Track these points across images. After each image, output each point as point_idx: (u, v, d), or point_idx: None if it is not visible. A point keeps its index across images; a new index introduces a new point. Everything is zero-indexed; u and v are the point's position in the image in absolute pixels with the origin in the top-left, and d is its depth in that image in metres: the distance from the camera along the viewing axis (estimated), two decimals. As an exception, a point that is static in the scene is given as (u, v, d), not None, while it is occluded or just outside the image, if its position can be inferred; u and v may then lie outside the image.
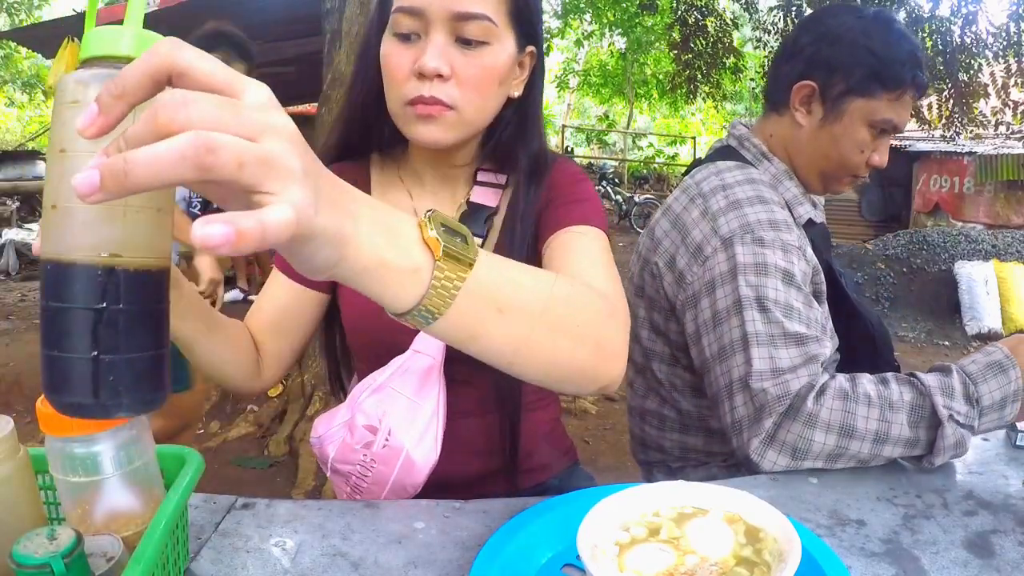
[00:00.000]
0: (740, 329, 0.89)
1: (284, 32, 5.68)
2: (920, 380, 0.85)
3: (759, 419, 0.85)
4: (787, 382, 0.84)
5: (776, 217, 0.96)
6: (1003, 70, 6.18)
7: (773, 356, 0.86)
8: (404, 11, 0.73)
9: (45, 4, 13.40)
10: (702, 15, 6.89)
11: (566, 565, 0.61)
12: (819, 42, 1.03)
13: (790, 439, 0.82)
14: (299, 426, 3.00)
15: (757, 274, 0.90)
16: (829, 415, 0.82)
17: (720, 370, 0.91)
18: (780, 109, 1.09)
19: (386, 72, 0.76)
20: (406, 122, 0.76)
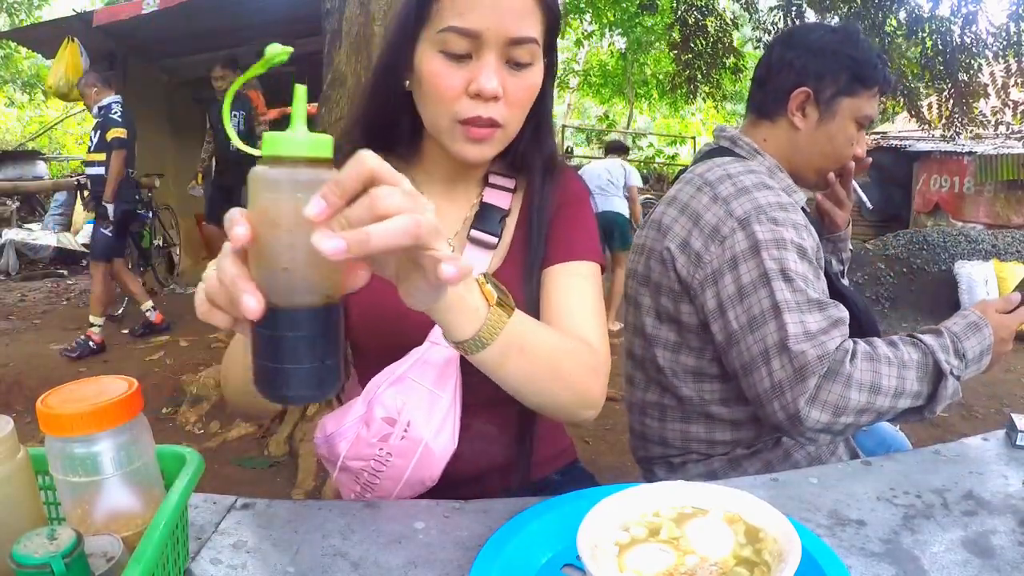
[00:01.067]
0: (770, 299, 0.95)
1: (284, 32, 5.67)
2: (922, 341, 0.99)
3: (802, 379, 0.92)
4: (823, 343, 0.93)
5: (782, 200, 1.04)
6: (1003, 70, 6.18)
7: (804, 321, 0.94)
8: (458, 32, 0.73)
9: (45, 4, 13.39)
10: (702, 15, 6.89)
11: (566, 565, 0.61)
12: (805, 55, 1.15)
13: (831, 398, 0.92)
14: (299, 426, 3.00)
15: (778, 248, 0.98)
16: (861, 375, 0.92)
17: (752, 339, 0.97)
18: (773, 117, 1.19)
19: (434, 89, 0.76)
20: (454, 139, 0.78)
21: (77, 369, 3.67)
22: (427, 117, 0.80)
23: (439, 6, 0.74)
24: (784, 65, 1.17)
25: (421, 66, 0.77)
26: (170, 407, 3.28)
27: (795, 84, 1.15)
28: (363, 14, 3.12)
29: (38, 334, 4.44)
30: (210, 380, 3.30)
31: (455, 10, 0.73)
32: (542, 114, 0.86)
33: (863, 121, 1.16)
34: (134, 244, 5.20)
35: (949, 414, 3.71)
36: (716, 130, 1.26)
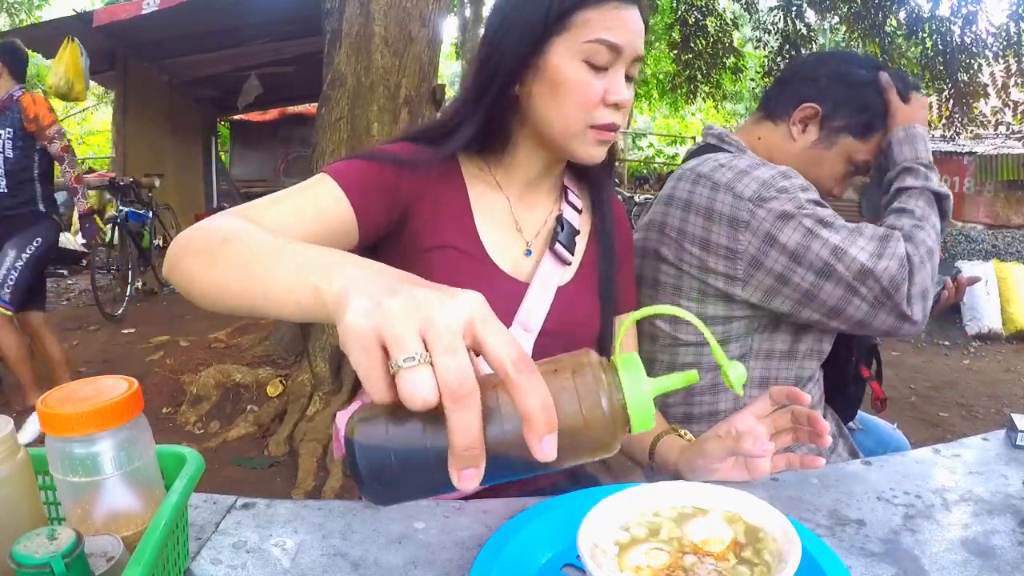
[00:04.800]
0: (826, 247, 0.99)
1: (284, 32, 5.68)
2: (911, 187, 1.10)
3: (896, 288, 0.98)
4: (895, 253, 0.99)
5: (782, 169, 1.05)
6: (1003, 70, 6.18)
7: (864, 247, 0.99)
8: (607, 45, 0.80)
9: (45, 4, 13.39)
10: (702, 15, 6.90)
11: (566, 565, 0.61)
12: (834, 79, 1.16)
13: (917, 289, 0.99)
14: (299, 426, 3.00)
15: (802, 209, 1.01)
16: (920, 256, 1.00)
17: (830, 285, 1.00)
18: (776, 119, 1.19)
19: (577, 96, 0.81)
20: (584, 142, 0.84)
21: (77, 369, 3.67)
22: (558, 120, 0.83)
23: (584, 18, 0.80)
24: (811, 77, 1.17)
25: (560, 72, 0.81)
26: (170, 407, 3.28)
27: (811, 98, 1.15)
28: (363, 14, 3.12)
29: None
30: (210, 380, 3.30)
31: (604, 25, 0.80)
32: None
33: (858, 165, 1.18)
34: (134, 244, 5.21)
35: (949, 414, 3.72)
36: (704, 128, 1.27)
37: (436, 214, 0.86)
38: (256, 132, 10.36)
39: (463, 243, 0.86)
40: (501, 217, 0.90)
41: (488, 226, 0.89)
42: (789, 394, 0.77)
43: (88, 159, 12.34)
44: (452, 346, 0.37)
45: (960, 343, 5.16)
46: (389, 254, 0.87)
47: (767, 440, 0.75)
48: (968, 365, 4.73)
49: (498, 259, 0.88)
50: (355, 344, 0.38)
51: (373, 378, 0.38)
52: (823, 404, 1.24)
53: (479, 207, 0.89)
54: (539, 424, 0.37)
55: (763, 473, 0.77)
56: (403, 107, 3.21)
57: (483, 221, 0.88)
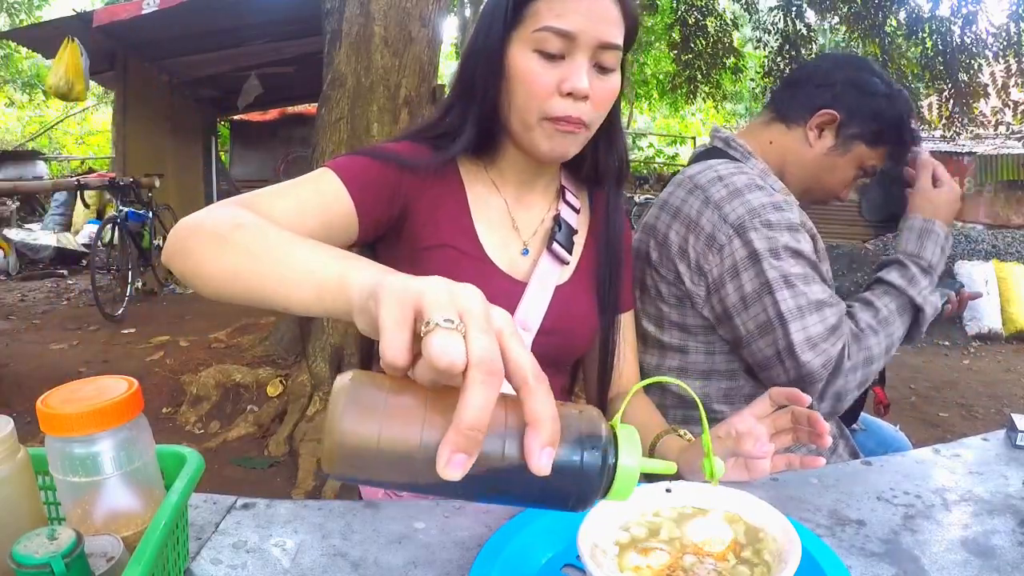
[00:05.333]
0: (774, 308, 0.99)
1: (284, 32, 5.67)
2: (891, 284, 1.07)
3: (810, 383, 0.99)
4: (826, 351, 0.98)
5: (776, 199, 1.04)
6: (1003, 70, 6.18)
7: (807, 327, 0.99)
8: (555, 32, 0.77)
9: (45, 4, 13.39)
10: (702, 15, 6.89)
11: (566, 565, 0.61)
12: (851, 86, 1.15)
13: (835, 390, 1.00)
14: (299, 426, 3.00)
15: (775, 257, 1.00)
16: (855, 360, 1.00)
17: (761, 344, 1.02)
18: (790, 123, 1.18)
19: (526, 86, 0.79)
20: (542, 135, 0.81)
21: (77, 369, 3.67)
22: (515, 114, 0.82)
23: (535, 8, 0.78)
24: (827, 82, 1.16)
25: (514, 64, 0.80)
26: (170, 407, 3.28)
27: (828, 104, 1.14)
28: (363, 14, 3.12)
29: (38, 334, 4.44)
30: (210, 380, 3.30)
31: (552, 12, 0.77)
32: (613, 123, 0.91)
33: (867, 170, 1.18)
34: (134, 244, 5.21)
35: (949, 414, 3.72)
36: (712, 131, 1.25)
37: (435, 214, 0.86)
38: (256, 132, 10.35)
39: (461, 242, 0.87)
40: (499, 217, 0.90)
41: (486, 226, 0.89)
42: (789, 395, 0.77)
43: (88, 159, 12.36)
44: (487, 328, 0.38)
45: (960, 343, 5.16)
46: (388, 253, 0.87)
47: (767, 441, 0.75)
48: (968, 365, 4.73)
49: (496, 258, 0.88)
50: (390, 298, 0.38)
51: (396, 336, 0.37)
52: None
53: (477, 207, 0.89)
54: (545, 431, 0.37)
55: (763, 473, 0.77)
56: (403, 107, 3.21)
57: (481, 221, 0.89)
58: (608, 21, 0.78)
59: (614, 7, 0.79)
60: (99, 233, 4.91)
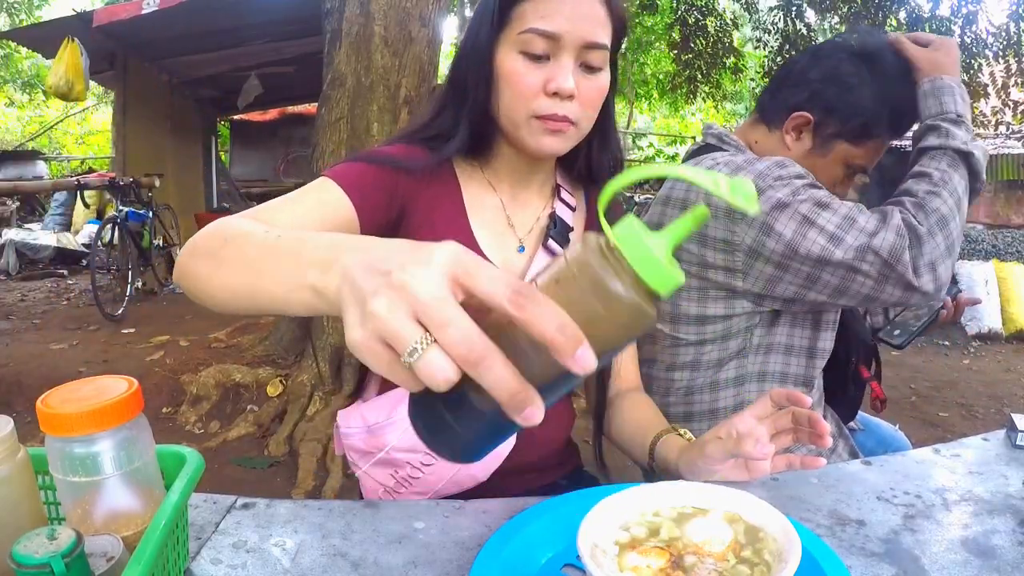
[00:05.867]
0: (822, 235, 0.97)
1: (284, 32, 5.67)
2: (931, 147, 1.03)
3: (897, 259, 0.95)
4: (891, 224, 0.95)
5: (778, 159, 1.04)
6: (1003, 70, 6.19)
7: (863, 227, 0.96)
8: (539, 33, 0.78)
9: (45, 4, 13.39)
10: (702, 15, 6.90)
11: (566, 565, 0.61)
12: (826, 82, 1.11)
13: (926, 259, 0.95)
14: (299, 426, 3.00)
15: (797, 194, 0.99)
16: (928, 222, 0.96)
17: (830, 269, 0.98)
18: (771, 126, 1.17)
19: (513, 87, 0.81)
20: (531, 133, 0.82)
21: (77, 369, 3.67)
22: (504, 114, 0.84)
23: (521, 10, 0.80)
24: (803, 81, 1.13)
25: (501, 66, 0.82)
26: (170, 407, 3.28)
27: (803, 105, 1.12)
28: (363, 14, 3.12)
29: (38, 334, 4.44)
30: (210, 380, 3.30)
31: (537, 13, 0.79)
32: (607, 120, 0.92)
33: (855, 170, 1.15)
34: (134, 244, 5.21)
35: (949, 414, 3.71)
36: (704, 128, 1.25)
37: (431, 214, 0.87)
38: (256, 132, 10.36)
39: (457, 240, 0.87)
40: (494, 216, 0.91)
41: (481, 225, 0.90)
42: (789, 396, 0.77)
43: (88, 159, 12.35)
44: (445, 317, 0.37)
45: (960, 343, 5.16)
46: None
47: (767, 442, 0.75)
48: (968, 365, 4.73)
49: (492, 256, 0.89)
50: (366, 355, 0.39)
51: (398, 376, 0.39)
52: (823, 404, 1.24)
53: (473, 206, 0.90)
54: (564, 346, 0.36)
55: (763, 473, 0.77)
56: (403, 107, 3.21)
57: (477, 220, 0.90)
58: (593, 21, 0.79)
59: (600, 7, 0.80)
60: (99, 233, 4.91)
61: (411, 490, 0.84)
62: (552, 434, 0.96)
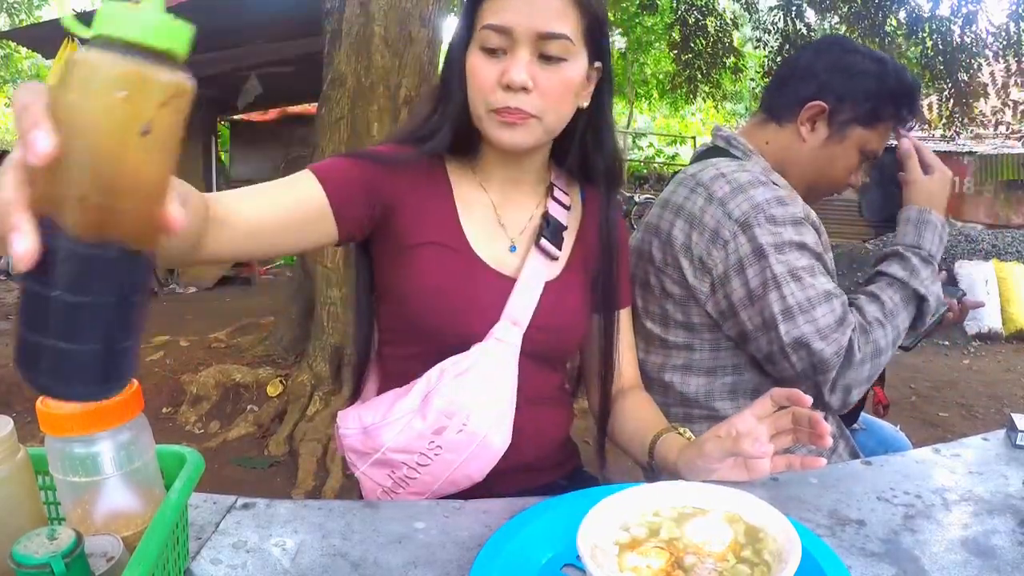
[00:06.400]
0: (781, 303, 1.00)
1: (284, 32, 5.67)
2: (894, 276, 1.06)
3: (822, 371, 1.00)
4: (837, 340, 0.99)
5: (779, 194, 1.04)
6: (1003, 70, 6.19)
7: (816, 319, 0.99)
8: (493, 28, 0.80)
9: (45, 4, 13.39)
10: (702, 15, 6.89)
11: (566, 565, 0.61)
12: (834, 71, 1.13)
13: (846, 382, 1.01)
14: (299, 426, 3.00)
15: (780, 251, 1.00)
16: (864, 352, 1.00)
17: (769, 338, 1.02)
18: (782, 121, 1.17)
19: (473, 82, 0.83)
20: (490, 127, 0.83)
21: (77, 369, 3.67)
22: (471, 110, 0.85)
23: (482, 9, 0.82)
24: (810, 74, 1.14)
25: (468, 64, 0.84)
26: (170, 407, 3.28)
27: (814, 96, 1.12)
28: (363, 14, 3.12)
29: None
30: (210, 380, 3.30)
31: (492, 10, 0.81)
32: (600, 119, 0.91)
33: (868, 154, 1.15)
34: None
35: (949, 414, 3.72)
36: (713, 130, 1.25)
37: (422, 212, 0.88)
38: (256, 132, 10.35)
39: (448, 239, 0.88)
40: (485, 215, 0.92)
41: (472, 223, 0.90)
42: (790, 396, 0.77)
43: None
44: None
45: (960, 343, 5.16)
46: (378, 250, 0.91)
47: (767, 441, 0.75)
48: (968, 365, 4.73)
49: (483, 255, 0.89)
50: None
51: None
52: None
53: (464, 205, 0.91)
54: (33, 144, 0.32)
55: (763, 473, 0.77)
56: (403, 107, 3.21)
57: (468, 219, 0.90)
58: (547, 12, 0.80)
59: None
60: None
61: (408, 490, 0.84)
62: (549, 433, 0.96)
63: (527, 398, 0.88)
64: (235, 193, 0.75)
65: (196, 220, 0.64)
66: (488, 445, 0.83)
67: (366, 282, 0.95)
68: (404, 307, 0.88)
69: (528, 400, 0.88)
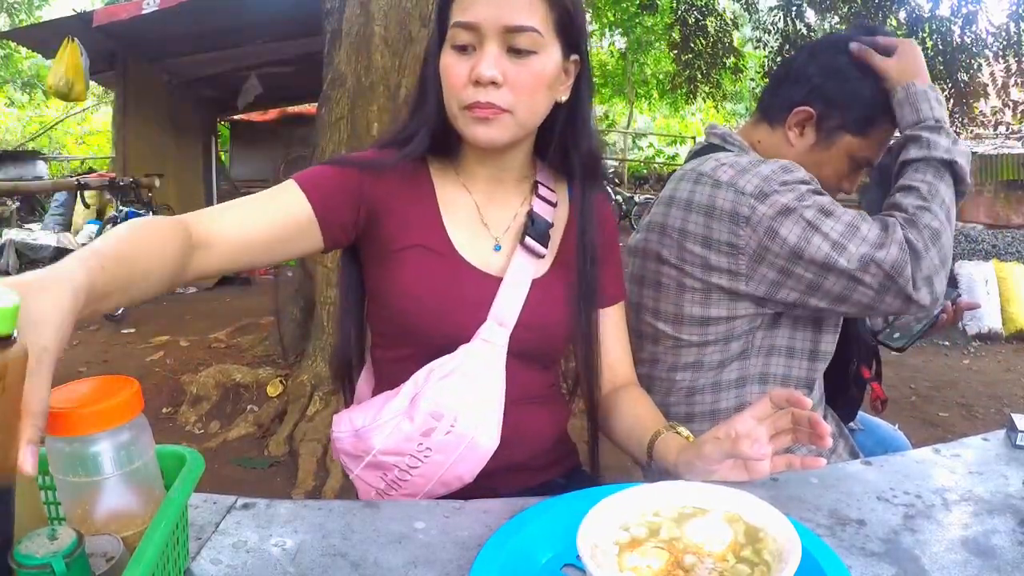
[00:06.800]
0: (827, 240, 0.98)
1: (284, 32, 5.68)
2: (915, 159, 1.03)
3: (899, 273, 0.97)
4: (895, 240, 0.97)
5: (784, 163, 1.04)
6: (1003, 70, 6.19)
7: (866, 236, 0.97)
8: (461, 26, 0.81)
9: (45, 4, 13.39)
10: (702, 15, 6.90)
11: (566, 565, 0.61)
12: (825, 75, 1.11)
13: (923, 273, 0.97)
14: (299, 426, 3.00)
15: (803, 201, 0.99)
16: (922, 239, 0.97)
17: (833, 277, 0.99)
18: (773, 124, 1.17)
19: (445, 81, 0.83)
20: (464, 124, 0.84)
21: (77, 369, 3.67)
22: (447, 110, 0.85)
23: (451, 9, 0.83)
24: (802, 76, 1.13)
25: (441, 64, 0.84)
26: (170, 407, 3.28)
27: (804, 100, 1.11)
28: (363, 14, 3.12)
29: (38, 334, 4.43)
30: (210, 380, 3.30)
31: (460, 8, 0.82)
32: (578, 113, 0.91)
33: (860, 162, 1.14)
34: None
35: (949, 414, 3.72)
36: (707, 128, 1.24)
37: (406, 216, 0.88)
38: (256, 132, 10.36)
39: (432, 242, 0.88)
40: (468, 215, 0.92)
41: (456, 224, 0.90)
42: (789, 397, 0.77)
43: (88, 159, 12.35)
44: None
45: (960, 343, 5.16)
46: (365, 254, 0.92)
47: (766, 443, 0.75)
48: (968, 365, 4.73)
49: (468, 256, 0.89)
50: None
51: None
52: (823, 405, 1.24)
53: (447, 207, 0.91)
54: None
55: (763, 474, 0.77)
56: (403, 107, 3.20)
57: (451, 220, 0.90)
58: (514, 5, 0.80)
59: None
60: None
61: (401, 492, 0.84)
62: (541, 432, 0.95)
63: (517, 398, 0.88)
64: (217, 211, 0.77)
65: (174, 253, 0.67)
66: (476, 446, 0.83)
67: (354, 286, 0.95)
68: (391, 311, 0.89)
69: (518, 400, 0.88)
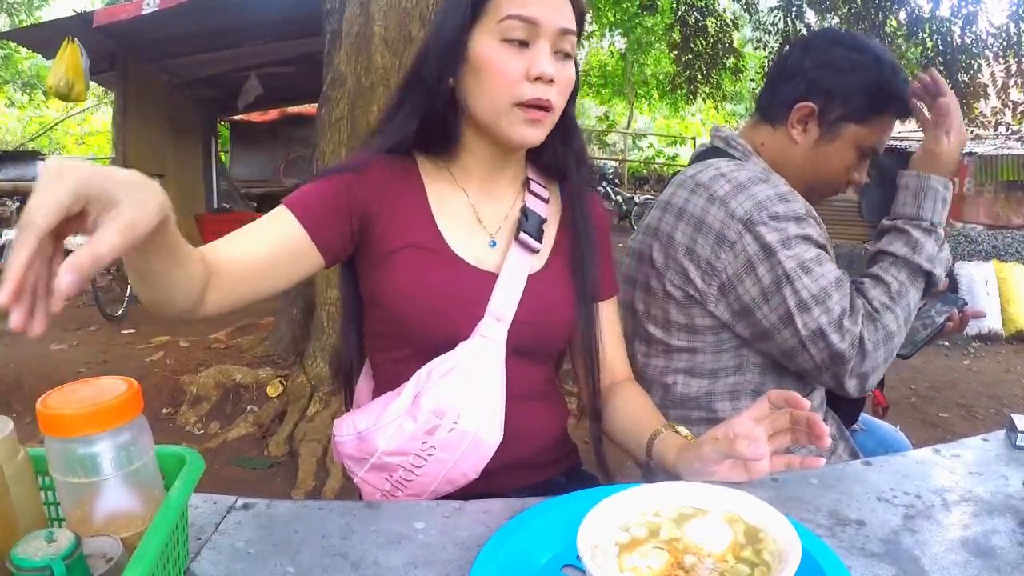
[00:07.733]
0: (796, 297, 1.00)
1: (284, 32, 5.68)
2: (896, 255, 1.04)
3: (841, 363, 1.00)
4: (851, 331, 0.99)
5: (781, 190, 1.03)
6: (1003, 70, 6.19)
7: (832, 309, 0.99)
8: (519, 19, 0.80)
9: (45, 4, 13.39)
10: (702, 15, 6.90)
11: (566, 565, 0.61)
12: (822, 68, 1.11)
13: (864, 370, 1.01)
14: (299, 426, 3.00)
15: (788, 247, 1.00)
16: (875, 339, 1.00)
17: (787, 334, 1.02)
18: (775, 123, 1.16)
19: (496, 75, 0.82)
20: (512, 122, 0.83)
21: (77, 370, 3.67)
22: (483, 104, 0.84)
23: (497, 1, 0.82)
24: (797, 72, 1.12)
25: (480, 55, 0.82)
26: (170, 407, 3.28)
27: (802, 96, 1.11)
28: (363, 14, 3.12)
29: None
30: (210, 380, 3.30)
31: (514, 2, 0.81)
32: (569, 114, 0.92)
33: (867, 151, 1.13)
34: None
35: (949, 414, 3.72)
36: (712, 130, 1.24)
37: (395, 215, 0.88)
38: (256, 132, 10.35)
39: (425, 240, 0.88)
40: (461, 212, 0.91)
41: (448, 221, 0.90)
42: (788, 398, 0.77)
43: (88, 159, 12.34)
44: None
45: (960, 343, 5.16)
46: (360, 259, 0.91)
47: (764, 443, 0.75)
48: (968, 365, 4.73)
49: (462, 253, 0.89)
50: None
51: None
52: (825, 407, 1.24)
53: (438, 204, 0.90)
54: None
55: (761, 474, 0.77)
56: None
57: (443, 217, 0.90)
58: (563, 8, 0.82)
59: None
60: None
61: (407, 492, 0.84)
62: (543, 428, 0.95)
63: (517, 394, 0.88)
64: (220, 241, 0.78)
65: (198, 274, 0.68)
66: (480, 442, 0.83)
67: (352, 294, 0.95)
68: (388, 312, 0.88)
69: (519, 396, 0.88)
